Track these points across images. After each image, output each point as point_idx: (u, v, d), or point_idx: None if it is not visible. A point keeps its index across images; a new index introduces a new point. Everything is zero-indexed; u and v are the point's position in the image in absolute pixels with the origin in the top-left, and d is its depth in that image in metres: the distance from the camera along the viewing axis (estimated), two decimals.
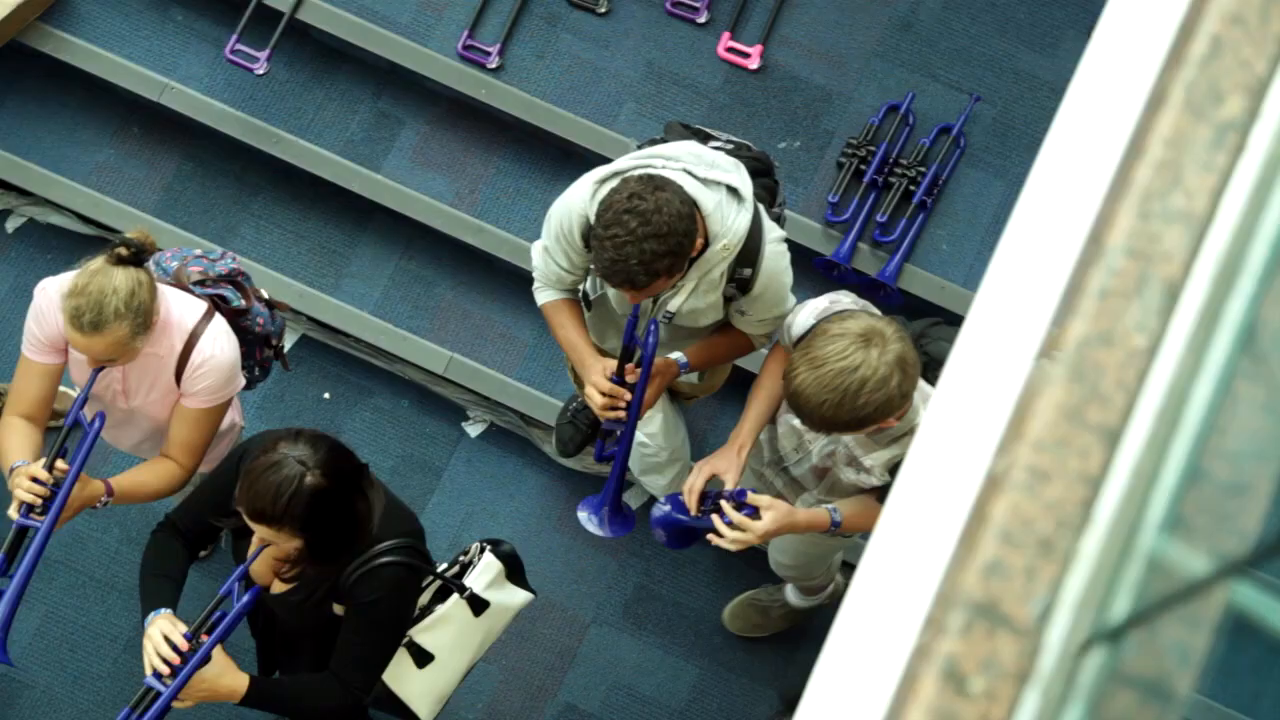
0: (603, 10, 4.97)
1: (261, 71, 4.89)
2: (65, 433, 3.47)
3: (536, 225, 4.82)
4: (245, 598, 3.20)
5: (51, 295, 3.44)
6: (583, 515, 3.83)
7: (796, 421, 3.44)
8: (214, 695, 3.19)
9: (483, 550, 3.66)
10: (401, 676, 3.56)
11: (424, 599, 3.55)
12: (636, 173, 3.34)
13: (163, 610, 3.21)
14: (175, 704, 3.16)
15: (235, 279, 3.65)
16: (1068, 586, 1.48)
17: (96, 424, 3.48)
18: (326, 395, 4.82)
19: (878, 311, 3.41)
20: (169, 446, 3.56)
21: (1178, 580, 1.48)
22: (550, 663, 4.62)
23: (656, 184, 3.25)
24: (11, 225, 4.91)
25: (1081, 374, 1.55)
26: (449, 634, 3.57)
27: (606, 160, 4.77)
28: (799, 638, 4.28)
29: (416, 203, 4.83)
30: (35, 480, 3.32)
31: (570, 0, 4.97)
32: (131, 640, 4.54)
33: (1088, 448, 1.53)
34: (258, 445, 3.18)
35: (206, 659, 3.14)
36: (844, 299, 3.44)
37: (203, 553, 4.60)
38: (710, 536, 3.44)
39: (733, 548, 3.44)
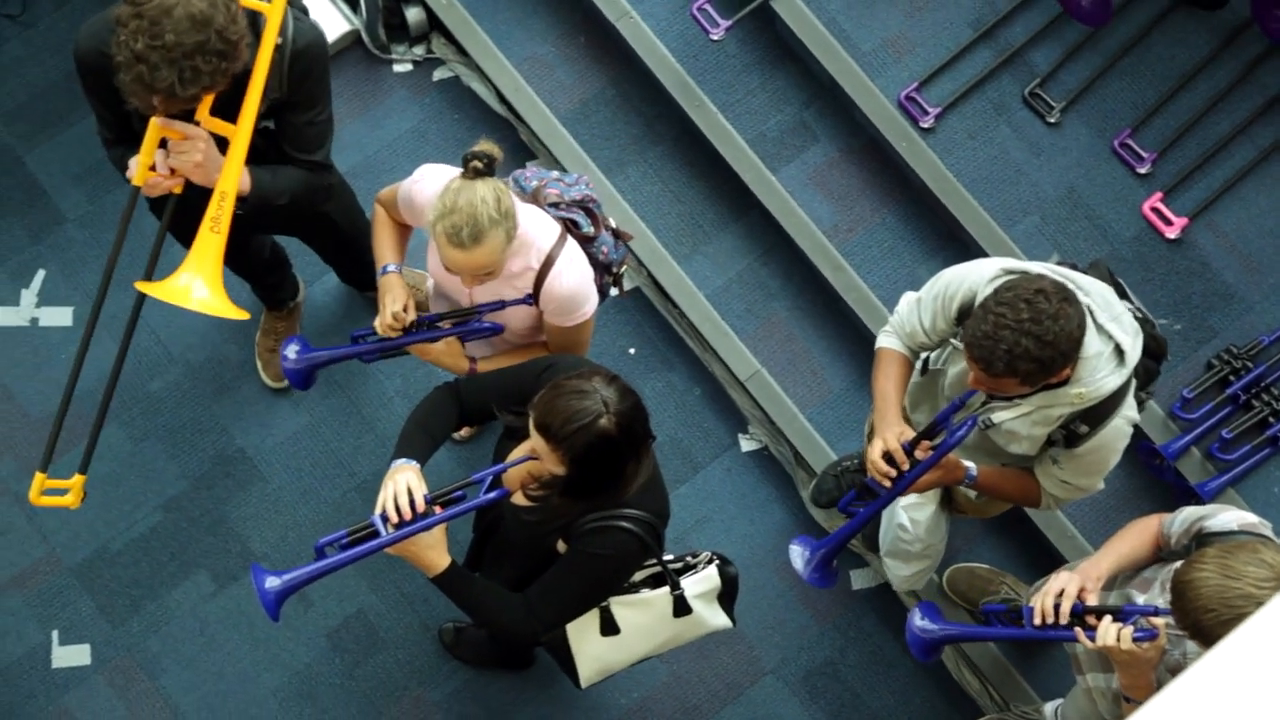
0: (1052, 120, 4.88)
1: (716, 37, 4.98)
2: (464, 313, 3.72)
3: (894, 286, 4.80)
4: (490, 494, 3.25)
5: (425, 192, 3.58)
6: (795, 549, 3.78)
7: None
8: (415, 560, 3.27)
9: (710, 561, 3.66)
10: (583, 633, 3.60)
11: (638, 576, 3.58)
12: (1055, 277, 3.27)
13: (414, 461, 3.30)
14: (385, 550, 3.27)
15: (587, 205, 3.72)
16: None
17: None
18: (632, 350, 4.90)
19: None
20: (551, 346, 3.75)
21: None
22: (716, 689, 4.61)
23: (1067, 297, 3.18)
24: (438, 75, 5.15)
25: None
26: (643, 619, 3.59)
27: (987, 256, 4.74)
28: None
29: (795, 217, 4.85)
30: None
31: (1025, 99, 4.90)
32: (366, 483, 4.72)
33: None
34: (573, 366, 3.25)
35: (428, 529, 3.23)
36: (1267, 529, 3.30)
37: (464, 431, 4.74)
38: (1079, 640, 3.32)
39: (1091, 647, 3.29)
